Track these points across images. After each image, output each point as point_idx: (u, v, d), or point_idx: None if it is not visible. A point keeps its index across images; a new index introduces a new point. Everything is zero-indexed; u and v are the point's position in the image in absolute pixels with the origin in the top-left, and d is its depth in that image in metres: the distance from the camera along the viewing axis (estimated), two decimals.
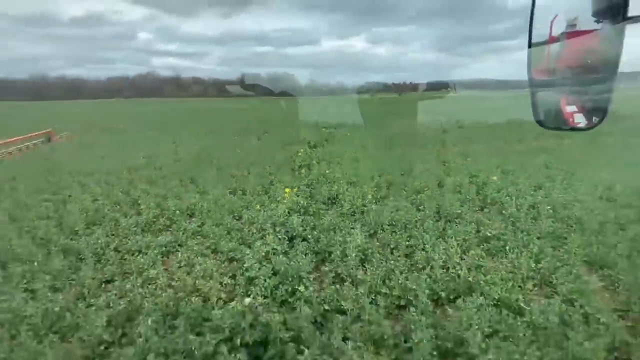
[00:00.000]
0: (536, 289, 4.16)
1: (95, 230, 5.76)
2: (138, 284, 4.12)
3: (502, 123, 18.86)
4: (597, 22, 1.31)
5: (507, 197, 6.84)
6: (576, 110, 1.13)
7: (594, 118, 1.11)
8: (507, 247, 4.89)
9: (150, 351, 2.92)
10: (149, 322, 3.31)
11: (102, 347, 3.29)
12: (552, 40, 1.37)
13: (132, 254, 4.91)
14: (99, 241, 5.29)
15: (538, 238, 5.15)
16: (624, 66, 1.06)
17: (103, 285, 4.34)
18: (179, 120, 27.83)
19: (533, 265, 4.41)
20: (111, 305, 3.73)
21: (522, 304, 3.65)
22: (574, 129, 1.12)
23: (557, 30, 1.43)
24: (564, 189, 7.50)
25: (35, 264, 4.67)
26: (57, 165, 11.05)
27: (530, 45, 1.32)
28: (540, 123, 1.16)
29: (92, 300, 3.91)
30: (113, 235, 5.64)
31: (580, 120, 1.12)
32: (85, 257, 4.84)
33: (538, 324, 3.27)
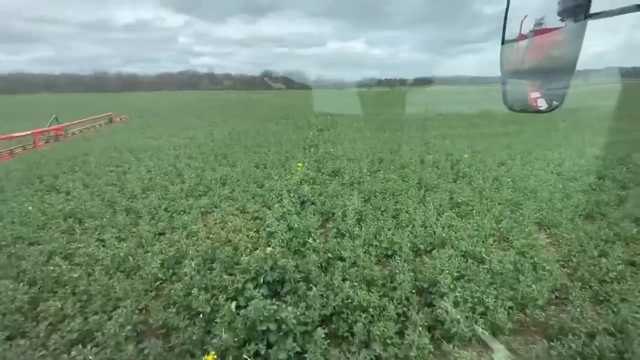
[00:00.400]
0: (496, 243, 4.16)
1: (149, 195, 5.80)
2: (183, 236, 4.18)
3: (476, 113, 18.32)
4: (562, 20, 1.22)
5: (476, 172, 6.74)
6: (539, 96, 1.07)
7: (553, 102, 1.06)
8: (474, 211, 4.87)
9: (194, 286, 2.99)
10: (193, 264, 3.37)
11: (157, 283, 3.38)
12: (521, 37, 1.29)
13: (179, 213, 4.96)
14: (153, 203, 5.35)
15: (499, 204, 5.10)
16: (580, 64, 1.00)
17: (157, 237, 4.38)
18: (212, 109, 27.47)
19: (494, 225, 4.39)
20: (163, 251, 3.80)
21: (484, 255, 3.66)
22: (537, 111, 1.06)
23: (527, 29, 1.35)
24: (522, 165, 7.35)
25: (104, 219, 4.75)
26: (118, 142, 11.06)
27: (503, 42, 1.24)
28: (509, 107, 1.10)
29: (148, 248, 3.98)
30: (163, 198, 5.67)
31: (542, 104, 1.06)
32: (142, 215, 4.91)
33: (496, 270, 3.28)
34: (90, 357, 2.33)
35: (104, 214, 4.93)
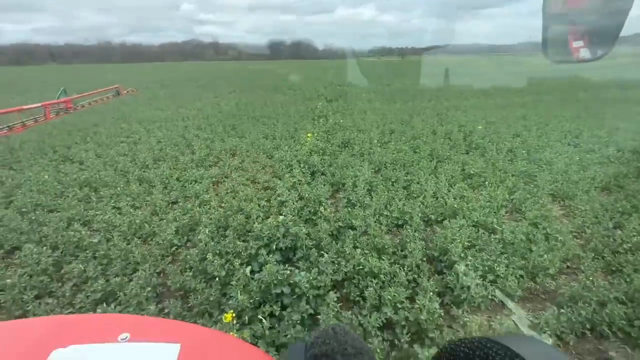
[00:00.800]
0: (508, 214, 4.12)
1: (160, 165, 5.86)
2: (196, 205, 4.24)
3: (490, 83, 17.53)
4: None
5: (489, 143, 6.57)
6: (582, 45, 0.98)
7: (598, 52, 0.96)
8: (487, 182, 4.79)
9: (208, 252, 3.07)
10: (206, 231, 3.44)
11: (173, 249, 3.48)
12: None
13: (190, 183, 5.00)
14: (164, 173, 5.40)
15: (513, 175, 5.00)
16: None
17: (170, 205, 4.45)
18: (218, 79, 26.94)
19: (507, 196, 4.33)
20: (177, 219, 3.88)
21: (495, 225, 3.64)
22: (579, 61, 0.98)
23: None
24: (537, 136, 7.12)
25: (118, 188, 4.82)
26: (126, 114, 11.03)
27: None
28: (547, 57, 1.01)
29: (163, 216, 4.07)
30: (174, 168, 5.73)
31: (585, 54, 0.97)
32: (155, 185, 4.98)
33: (508, 240, 3.28)
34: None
35: (117, 183, 5.01)
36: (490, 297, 2.67)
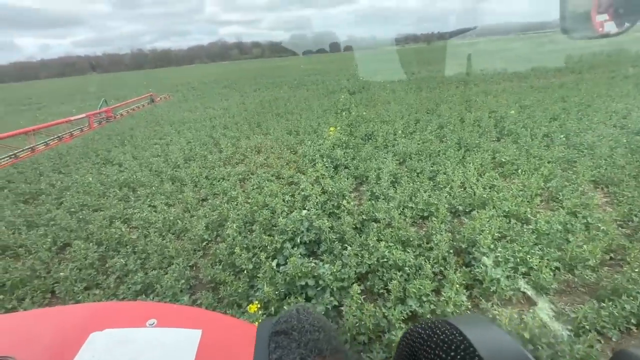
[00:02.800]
0: (543, 203, 3.88)
1: (191, 164, 6.14)
2: (224, 201, 4.42)
3: (525, 65, 16.35)
4: None
5: (523, 129, 6.19)
6: (607, 18, 0.90)
7: (625, 23, 0.88)
8: (519, 170, 4.54)
9: (236, 246, 3.19)
10: (234, 226, 3.58)
11: (203, 243, 3.66)
12: None
13: (218, 180, 5.20)
14: (194, 172, 5.66)
15: (549, 162, 4.69)
16: None
17: (200, 202, 4.67)
18: (243, 78, 27.53)
19: (542, 184, 4.07)
20: (207, 215, 4.08)
21: (529, 215, 3.46)
22: (603, 36, 0.90)
23: None
24: (578, 119, 6.60)
25: (153, 187, 5.13)
26: (159, 118, 11.63)
27: None
28: (567, 34, 0.95)
29: (194, 212, 4.28)
30: (204, 167, 5.97)
31: (610, 27, 0.89)
32: (186, 183, 5.24)
33: (542, 230, 3.10)
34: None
35: (152, 183, 5.33)
36: (522, 289, 2.56)
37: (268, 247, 3.22)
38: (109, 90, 27.30)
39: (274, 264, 2.86)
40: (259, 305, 2.36)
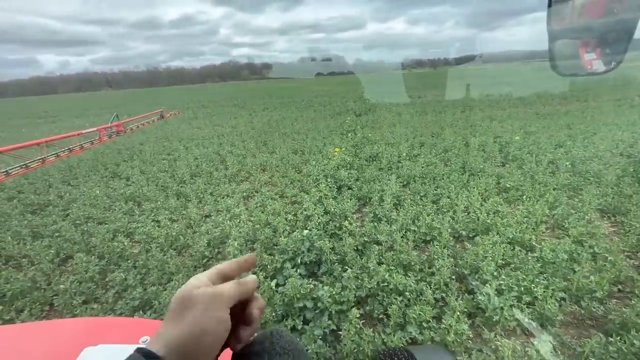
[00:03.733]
0: (548, 231, 3.83)
1: (196, 180, 6.21)
2: (227, 218, 4.43)
3: (530, 91, 16.57)
4: None
5: (528, 154, 6.20)
6: (595, 57, 0.94)
7: (612, 63, 0.93)
8: (524, 197, 4.50)
9: None
10: (236, 244, 3.58)
11: (204, 260, 3.65)
12: None
13: (222, 197, 5.26)
14: (200, 188, 5.72)
15: (554, 189, 4.66)
16: None
17: (203, 219, 4.69)
18: (253, 98, 28.26)
19: (547, 211, 4.03)
20: (209, 232, 4.08)
21: (534, 243, 3.41)
22: (591, 74, 0.94)
23: None
24: (584, 146, 6.60)
25: (159, 202, 5.19)
26: (168, 134, 11.90)
27: (550, 4, 1.08)
28: (557, 71, 0.99)
29: (196, 229, 4.29)
30: (209, 183, 6.05)
31: (598, 66, 0.94)
32: (191, 199, 5.29)
33: (547, 259, 3.04)
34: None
35: (158, 197, 5.39)
36: (526, 320, 2.49)
37: (268, 267, 3.20)
38: (122, 106, 28.16)
39: (272, 284, 2.84)
40: None
